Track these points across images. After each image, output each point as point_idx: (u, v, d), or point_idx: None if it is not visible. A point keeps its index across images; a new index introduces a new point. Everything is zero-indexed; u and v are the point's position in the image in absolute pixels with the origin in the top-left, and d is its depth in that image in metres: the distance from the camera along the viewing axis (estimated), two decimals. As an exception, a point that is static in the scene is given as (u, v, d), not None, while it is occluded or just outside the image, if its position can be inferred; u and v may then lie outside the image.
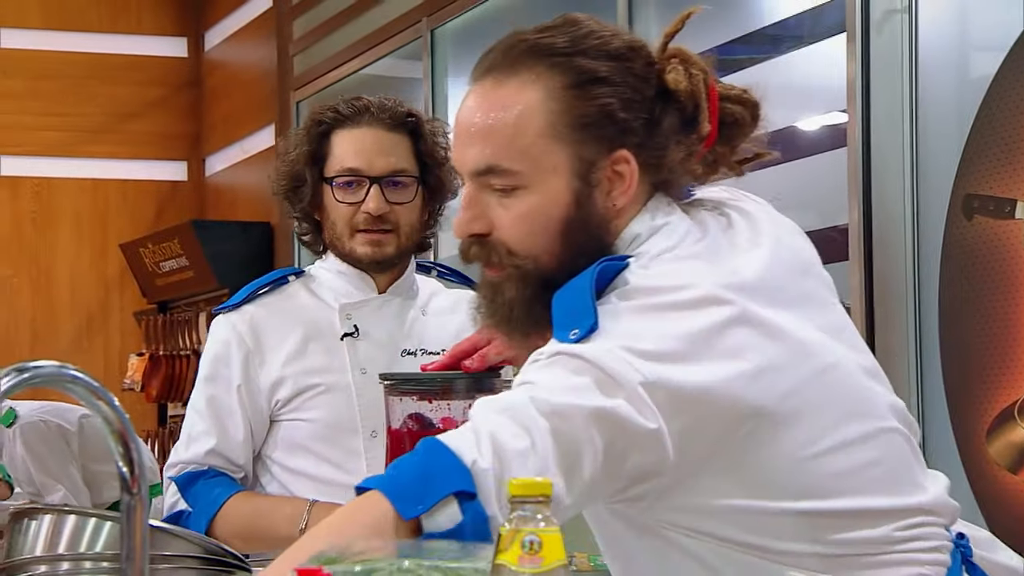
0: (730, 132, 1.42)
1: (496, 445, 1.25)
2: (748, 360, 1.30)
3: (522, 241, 1.38)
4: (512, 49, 1.41)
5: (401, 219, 2.10)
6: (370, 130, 2.11)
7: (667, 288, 1.32)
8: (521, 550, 0.96)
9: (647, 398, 1.26)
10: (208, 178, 6.74)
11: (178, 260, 6.13)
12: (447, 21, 4.71)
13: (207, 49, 6.74)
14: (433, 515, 1.23)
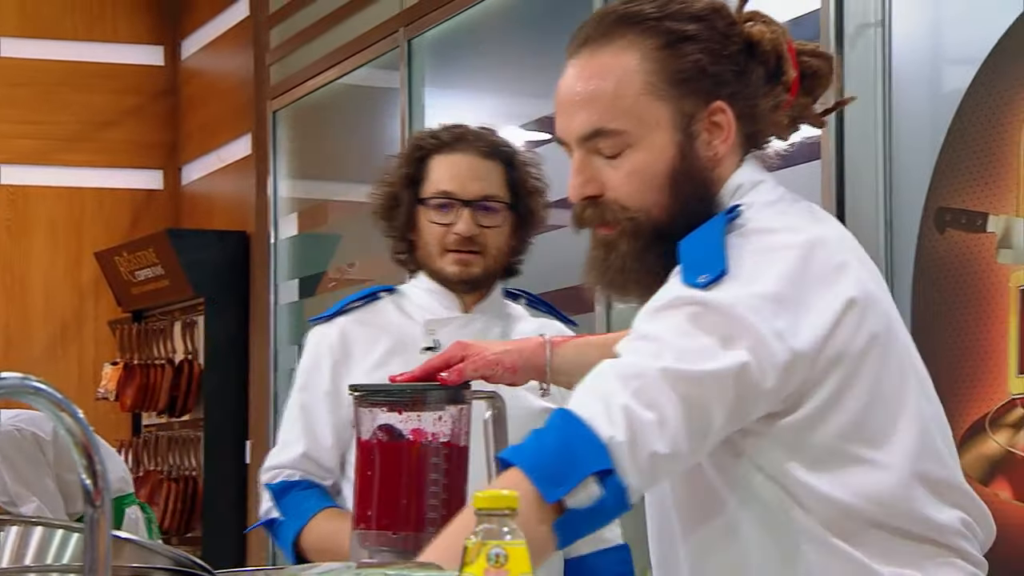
0: (810, 83, 1.51)
1: (629, 418, 1.32)
2: (856, 291, 1.40)
3: (633, 196, 1.47)
4: (603, 21, 1.51)
5: (489, 242, 2.23)
6: (465, 156, 2.25)
7: (785, 229, 1.42)
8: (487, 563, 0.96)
9: (774, 346, 1.34)
10: (184, 187, 6.72)
11: (153, 269, 6.11)
12: (424, 31, 4.71)
13: (184, 57, 6.72)
14: (575, 495, 1.31)
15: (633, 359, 1.37)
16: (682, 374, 1.34)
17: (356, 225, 5.57)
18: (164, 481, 6.06)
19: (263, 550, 5.61)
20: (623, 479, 1.32)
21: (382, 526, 1.60)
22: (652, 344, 1.37)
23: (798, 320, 1.36)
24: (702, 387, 1.34)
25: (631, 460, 1.32)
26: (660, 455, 1.34)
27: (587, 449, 1.32)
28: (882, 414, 1.42)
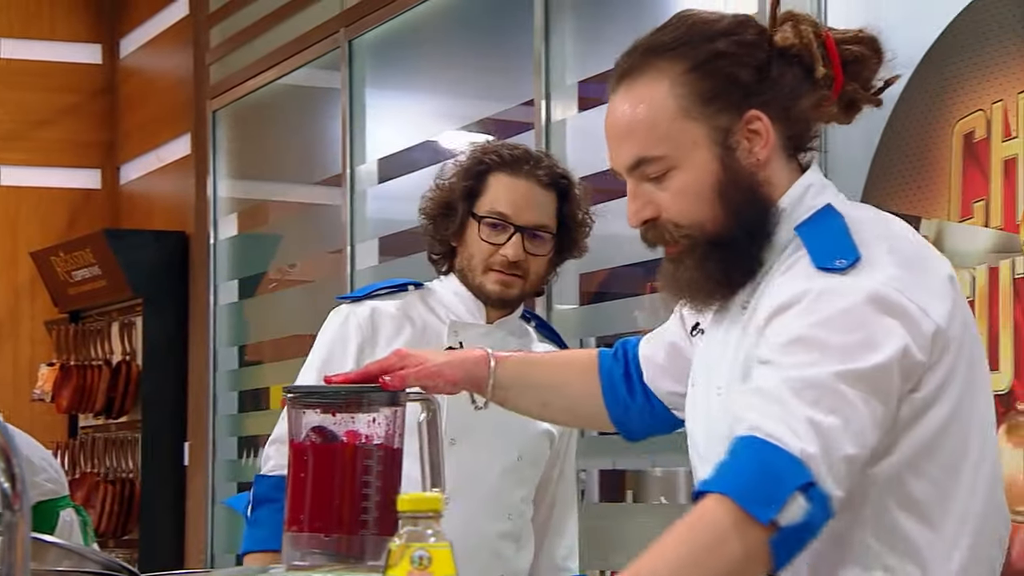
0: (854, 69, 1.58)
1: (815, 429, 1.38)
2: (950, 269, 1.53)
3: (684, 214, 1.56)
4: (633, 54, 1.60)
5: (532, 268, 2.33)
6: (526, 182, 2.33)
7: (881, 217, 1.55)
8: (411, 565, 0.96)
9: (923, 322, 1.44)
10: (122, 186, 6.65)
11: (90, 269, 6.04)
12: (365, 32, 4.70)
13: (122, 56, 6.66)
14: (786, 512, 1.36)
15: (800, 371, 1.42)
16: (853, 373, 1.41)
17: (297, 226, 5.54)
18: (101, 483, 6.00)
19: (201, 552, 5.57)
20: (824, 489, 1.38)
21: (315, 528, 1.59)
22: (813, 348, 1.43)
23: (930, 295, 1.47)
24: (875, 381, 1.42)
25: (827, 469, 1.38)
26: (851, 456, 1.41)
27: (785, 466, 1.37)
28: (969, 407, 1.51)
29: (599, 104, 3.86)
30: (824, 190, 1.60)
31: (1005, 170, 2.58)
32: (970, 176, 2.64)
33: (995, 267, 2.58)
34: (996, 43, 2.59)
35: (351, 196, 4.73)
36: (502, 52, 4.22)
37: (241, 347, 5.68)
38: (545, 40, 3.81)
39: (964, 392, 1.51)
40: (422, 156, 4.71)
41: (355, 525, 1.58)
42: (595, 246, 3.86)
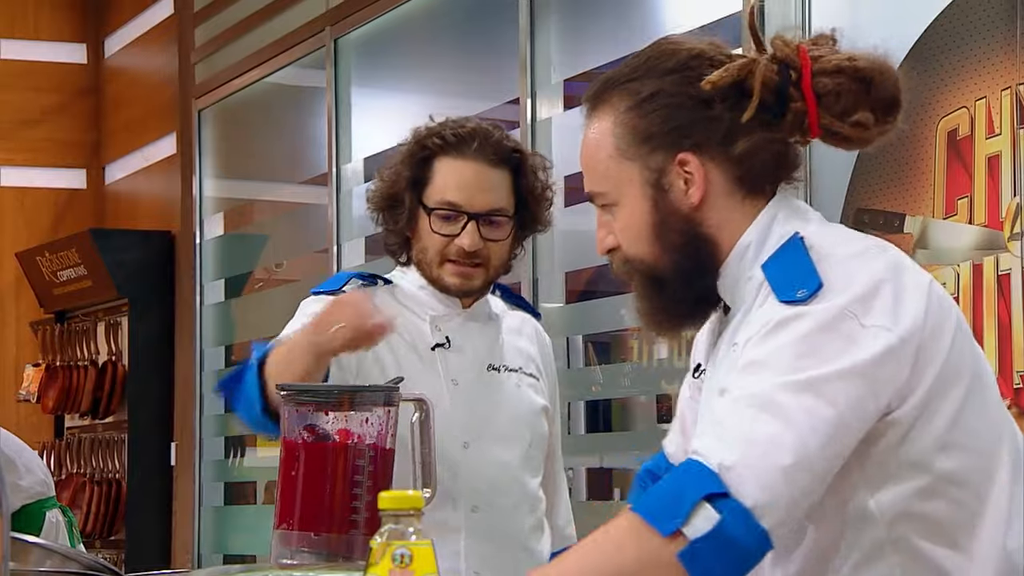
0: (828, 102, 1.53)
1: (747, 438, 1.38)
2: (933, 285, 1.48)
3: (629, 248, 1.57)
4: (595, 86, 1.60)
5: (492, 254, 2.17)
6: (474, 164, 2.15)
7: (847, 243, 1.50)
8: (392, 563, 0.96)
9: (883, 337, 1.41)
10: (108, 186, 6.64)
11: (76, 269, 6.02)
12: (350, 30, 4.69)
13: (107, 55, 6.64)
14: (691, 523, 1.36)
15: (744, 389, 1.43)
16: (795, 383, 1.40)
17: (283, 225, 5.53)
18: (87, 484, 5.99)
19: (187, 552, 5.56)
20: (742, 501, 1.36)
21: (305, 527, 1.59)
22: (762, 369, 1.43)
23: (897, 315, 1.44)
24: (822, 390, 1.40)
25: (752, 479, 1.37)
26: (789, 465, 1.38)
27: (694, 478, 1.38)
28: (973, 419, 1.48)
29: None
30: (792, 217, 1.55)
31: (989, 167, 2.59)
32: (954, 173, 2.65)
33: (979, 264, 2.60)
34: (979, 40, 2.60)
35: (337, 195, 4.72)
36: (487, 51, 4.23)
37: (227, 347, 5.68)
38: (530, 39, 3.81)
39: (962, 406, 1.47)
40: (408, 155, 4.71)
41: (345, 524, 1.58)
42: (581, 244, 3.88)
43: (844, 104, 1.53)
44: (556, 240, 3.79)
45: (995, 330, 2.55)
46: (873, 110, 1.54)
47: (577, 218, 3.81)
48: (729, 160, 1.54)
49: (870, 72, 1.54)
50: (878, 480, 1.46)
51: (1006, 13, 2.56)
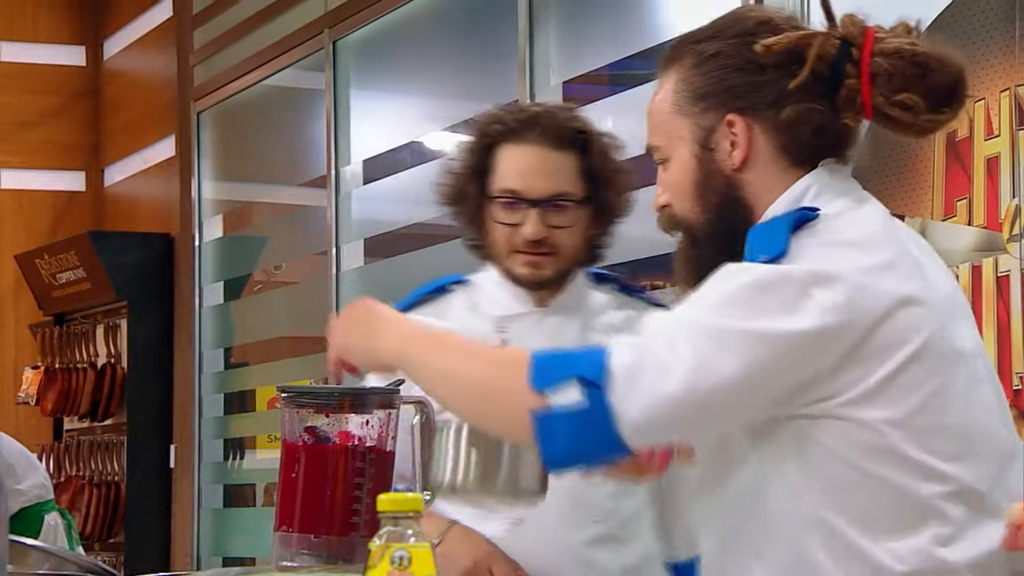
0: (882, 84, 1.54)
1: (643, 352, 1.44)
2: (915, 285, 1.48)
3: (677, 204, 1.61)
4: (671, 45, 1.65)
5: (561, 242, 2.06)
6: (535, 148, 2.05)
7: (851, 229, 1.51)
8: (391, 566, 0.96)
9: (822, 318, 1.43)
10: (107, 189, 6.64)
11: (75, 272, 6.02)
12: (349, 33, 4.70)
13: (106, 58, 6.64)
14: (558, 392, 1.44)
15: (678, 312, 1.49)
16: (716, 327, 1.44)
17: (282, 227, 5.53)
18: (86, 486, 5.99)
19: (187, 555, 5.56)
20: (609, 400, 1.43)
21: (305, 529, 1.59)
22: (696, 302, 1.49)
23: (851, 298, 1.45)
24: (731, 344, 1.43)
25: (627, 386, 1.43)
26: (666, 395, 1.43)
27: (588, 361, 1.46)
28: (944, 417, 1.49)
29: (583, 104, 3.86)
30: (825, 193, 1.56)
31: (988, 169, 2.59)
32: (953, 175, 2.65)
33: (978, 265, 2.60)
34: (978, 41, 2.60)
35: (336, 197, 4.72)
36: (486, 53, 4.23)
37: (227, 349, 5.68)
38: (529, 41, 3.81)
39: (926, 400, 1.47)
40: (407, 157, 4.71)
41: (345, 527, 1.58)
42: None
43: (894, 85, 1.54)
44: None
45: (994, 331, 2.56)
46: (925, 96, 1.54)
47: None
48: (776, 127, 1.56)
49: (927, 58, 1.54)
50: (814, 470, 1.48)
51: (1005, 14, 2.56)
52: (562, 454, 1.48)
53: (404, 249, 4.60)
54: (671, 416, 1.46)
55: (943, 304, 1.53)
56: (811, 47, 1.54)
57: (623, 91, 3.72)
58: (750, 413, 1.49)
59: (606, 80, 4.06)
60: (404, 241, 4.64)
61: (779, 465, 1.50)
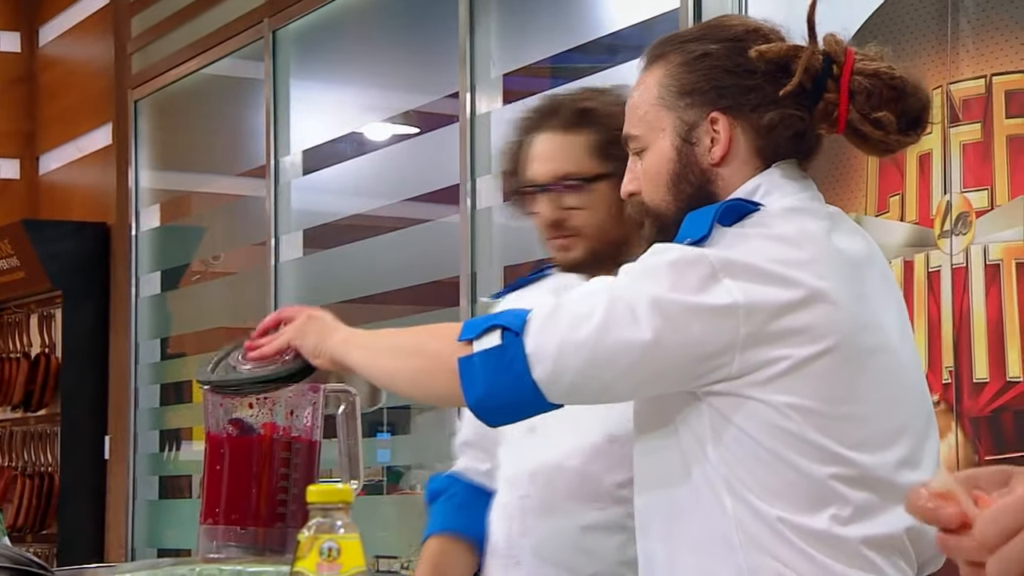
0: (859, 101, 1.64)
1: (559, 307, 1.56)
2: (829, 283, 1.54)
3: (648, 193, 1.68)
4: (657, 42, 1.72)
5: (582, 222, 2.01)
6: (546, 135, 2.05)
7: (782, 226, 1.57)
8: (319, 557, 0.96)
9: (719, 273, 1.52)
10: (42, 176, 6.55)
11: (8, 260, 5.94)
12: (289, 22, 4.67)
13: (42, 44, 6.55)
14: (481, 339, 1.57)
15: (606, 279, 1.60)
16: (632, 291, 1.54)
17: (220, 217, 5.49)
18: (18, 477, 5.91)
19: (121, 547, 5.51)
20: (524, 339, 1.55)
21: (230, 521, 1.58)
22: (622, 272, 1.59)
23: (756, 285, 1.53)
24: (641, 309, 1.52)
25: (540, 331, 1.55)
26: (574, 342, 1.54)
27: (511, 314, 1.59)
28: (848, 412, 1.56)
29: (523, 96, 3.86)
30: (773, 192, 1.63)
31: (920, 165, 2.62)
32: (886, 171, 2.68)
33: (910, 260, 2.63)
34: (911, 39, 2.63)
35: (275, 187, 4.70)
36: (427, 44, 4.22)
37: (163, 340, 5.63)
38: (470, 33, 3.81)
39: (834, 391, 1.54)
40: (346, 148, 4.69)
41: (272, 518, 1.57)
42: (520, 238, 3.88)
43: (872, 103, 1.64)
44: (495, 234, 3.79)
45: (925, 327, 2.59)
46: (898, 118, 1.64)
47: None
48: (755, 129, 1.64)
49: (904, 83, 1.65)
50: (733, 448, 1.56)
51: (938, 13, 2.59)
52: (482, 397, 1.57)
53: (343, 240, 4.58)
54: (576, 365, 1.54)
55: (867, 302, 1.59)
56: (799, 59, 1.63)
57: (563, 84, 3.73)
58: (655, 380, 1.57)
59: (547, 73, 4.06)
60: (343, 232, 4.63)
61: (699, 440, 1.58)
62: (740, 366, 1.53)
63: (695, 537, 1.58)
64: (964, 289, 2.54)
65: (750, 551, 1.54)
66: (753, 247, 1.55)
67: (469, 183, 3.79)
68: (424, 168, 4.17)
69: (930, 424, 1.66)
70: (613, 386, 1.58)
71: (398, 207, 4.39)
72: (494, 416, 1.60)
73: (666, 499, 1.62)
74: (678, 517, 1.60)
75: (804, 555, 1.54)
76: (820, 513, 1.54)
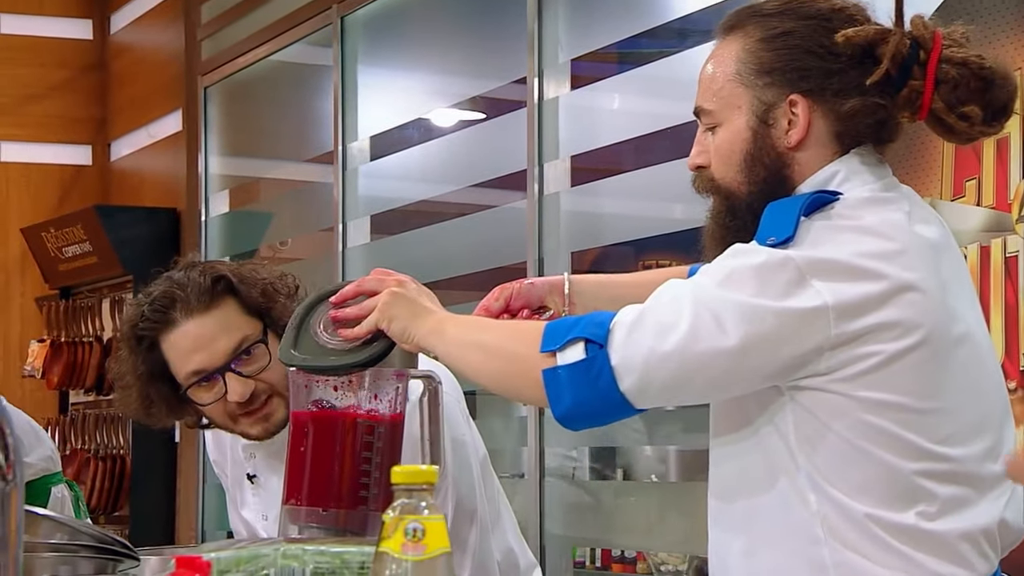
0: (944, 90, 1.59)
1: (644, 313, 1.52)
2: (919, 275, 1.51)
3: (718, 169, 1.63)
4: (736, 13, 1.66)
5: (273, 379, 1.93)
6: (188, 324, 1.93)
7: (867, 215, 1.54)
8: (404, 537, 0.97)
9: (810, 303, 1.48)
10: (113, 163, 6.63)
11: (81, 245, 6.03)
12: (357, 8, 4.68)
13: (113, 31, 6.63)
14: (565, 351, 1.53)
15: (687, 283, 1.55)
16: (719, 298, 1.49)
17: (288, 203, 5.53)
18: (91, 459, 6.00)
19: (191, 529, 5.58)
20: (608, 352, 1.51)
21: (313, 502, 1.59)
22: (704, 273, 1.55)
23: (850, 282, 1.49)
24: (726, 317, 1.48)
25: (625, 342, 1.51)
26: (658, 352, 1.50)
27: (593, 324, 1.54)
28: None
29: (591, 82, 3.85)
30: (852, 179, 1.59)
31: (997, 149, 2.58)
32: (962, 155, 2.64)
33: (986, 246, 2.59)
34: (990, 20, 2.59)
35: (342, 173, 4.72)
36: (495, 29, 4.22)
37: (232, 324, 5.66)
38: (538, 18, 3.80)
39: (922, 385, 1.52)
40: (414, 133, 4.70)
41: (355, 500, 1.58)
42: (587, 223, 3.87)
43: (959, 95, 1.59)
44: (563, 220, 3.79)
45: (1002, 313, 2.55)
46: (984, 108, 1.60)
47: (583, 198, 3.81)
48: (836, 114, 1.59)
49: (992, 74, 1.60)
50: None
51: (1018, -6, 2.55)
52: (569, 409, 1.54)
53: (410, 226, 4.60)
54: (665, 375, 1.51)
55: (949, 290, 1.56)
56: (887, 44, 1.57)
57: (631, 69, 3.71)
58: (743, 383, 1.54)
59: (614, 58, 4.05)
60: (410, 218, 4.64)
61: (783, 435, 1.55)
62: (829, 364, 1.50)
63: (776, 531, 1.55)
64: (1042, 275, 2.51)
65: (835, 546, 1.52)
66: (840, 241, 1.52)
67: (536, 168, 3.79)
68: (491, 154, 4.17)
69: (1007, 413, 1.63)
70: (700, 392, 1.56)
71: (465, 193, 4.39)
72: (580, 425, 1.58)
73: (746, 494, 1.59)
74: (758, 511, 1.57)
75: (892, 550, 1.51)
76: (908, 509, 1.52)
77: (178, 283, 1.96)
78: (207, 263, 2.03)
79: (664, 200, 3.52)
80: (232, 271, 1.99)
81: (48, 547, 1.21)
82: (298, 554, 0.98)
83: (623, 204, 3.73)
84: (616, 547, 4.30)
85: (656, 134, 3.50)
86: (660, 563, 4.24)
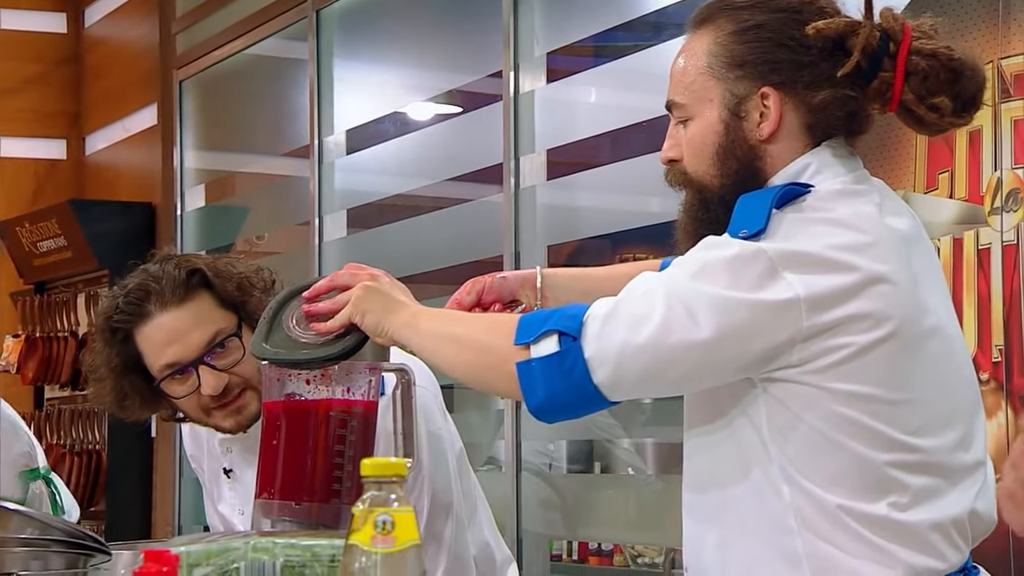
0: (914, 82, 1.60)
1: (617, 307, 1.53)
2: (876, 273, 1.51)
3: (691, 163, 1.64)
4: (707, 6, 1.66)
5: (247, 373, 1.93)
6: (162, 317, 1.92)
7: (838, 208, 1.55)
8: (374, 529, 0.97)
9: (782, 294, 1.49)
10: (88, 157, 6.60)
11: (56, 240, 6.00)
12: (333, 2, 4.67)
13: (87, 25, 6.59)
14: (539, 344, 1.54)
15: (660, 275, 1.56)
16: (691, 291, 1.50)
17: (264, 197, 5.52)
18: (67, 455, 5.98)
19: (168, 523, 5.56)
20: (581, 344, 1.52)
21: (285, 496, 1.59)
22: (677, 266, 1.56)
23: (821, 274, 1.50)
24: (698, 309, 1.50)
25: (598, 335, 1.52)
26: (631, 344, 1.51)
27: (567, 316, 1.55)
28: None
29: (567, 75, 3.85)
30: (823, 171, 1.60)
31: (970, 141, 2.60)
32: (934, 147, 2.66)
33: (959, 238, 2.61)
34: (963, 14, 2.60)
35: (319, 168, 4.71)
36: (470, 23, 4.21)
37: (207, 319, 5.65)
38: (514, 11, 3.80)
39: (893, 377, 1.53)
40: (390, 127, 4.69)
41: (327, 494, 1.58)
42: (563, 217, 3.88)
43: (929, 86, 1.60)
44: (539, 213, 3.79)
45: (974, 305, 2.57)
46: (953, 100, 1.60)
47: (559, 192, 3.81)
48: (807, 106, 1.60)
49: (962, 65, 1.61)
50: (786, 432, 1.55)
51: (990, -12, 2.56)
52: (543, 402, 1.55)
53: (387, 220, 4.59)
54: (638, 368, 1.52)
55: (920, 282, 1.57)
56: (858, 36, 1.58)
57: (607, 63, 3.72)
58: (716, 375, 1.55)
59: (590, 52, 4.05)
60: (387, 212, 4.64)
61: (756, 427, 1.56)
62: (801, 356, 1.51)
63: (749, 522, 1.57)
64: (1014, 267, 2.52)
65: (808, 537, 1.53)
66: (812, 233, 1.53)
67: (512, 162, 3.79)
68: (467, 147, 4.17)
69: (978, 403, 1.64)
70: (673, 384, 1.57)
71: (441, 187, 4.39)
72: (553, 417, 1.59)
73: (719, 485, 1.60)
74: (732, 503, 1.59)
75: (864, 540, 1.52)
76: (880, 500, 1.53)
77: (153, 276, 1.96)
78: (183, 256, 2.05)
79: (641, 193, 3.53)
80: (208, 264, 2.00)
81: (19, 542, 1.21)
82: (268, 547, 0.97)
83: (599, 197, 3.74)
84: (593, 540, 4.31)
85: (632, 127, 3.50)
86: (637, 555, 4.26)
